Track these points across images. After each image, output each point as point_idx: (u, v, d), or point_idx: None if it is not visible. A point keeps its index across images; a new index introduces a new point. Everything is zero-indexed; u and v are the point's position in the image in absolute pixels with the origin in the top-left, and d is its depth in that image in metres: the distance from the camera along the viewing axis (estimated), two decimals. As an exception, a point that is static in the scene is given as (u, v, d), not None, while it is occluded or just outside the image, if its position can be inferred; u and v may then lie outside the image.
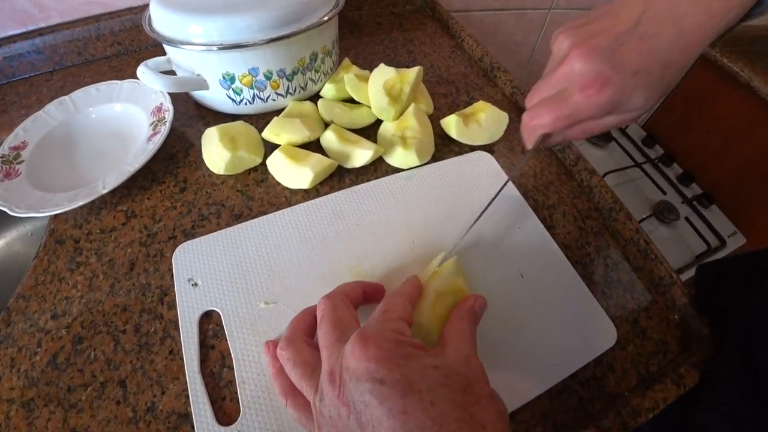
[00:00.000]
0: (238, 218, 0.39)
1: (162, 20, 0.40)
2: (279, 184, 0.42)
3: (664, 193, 0.94)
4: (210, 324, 0.33)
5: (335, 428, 0.23)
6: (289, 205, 0.40)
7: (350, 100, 0.48)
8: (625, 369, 0.35)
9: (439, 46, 0.62)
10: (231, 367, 0.31)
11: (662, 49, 0.27)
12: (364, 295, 0.31)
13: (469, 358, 0.24)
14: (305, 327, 0.30)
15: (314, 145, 0.43)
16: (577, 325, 0.35)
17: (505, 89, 0.55)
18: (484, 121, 0.45)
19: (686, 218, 0.90)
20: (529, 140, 0.33)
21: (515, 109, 0.52)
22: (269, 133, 0.42)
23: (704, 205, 0.94)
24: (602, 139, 1.00)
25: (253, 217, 0.39)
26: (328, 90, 0.47)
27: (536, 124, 0.31)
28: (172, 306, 0.34)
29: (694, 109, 1.04)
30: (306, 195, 0.41)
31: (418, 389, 0.21)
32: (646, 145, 1.05)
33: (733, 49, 0.95)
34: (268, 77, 0.43)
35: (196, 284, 0.34)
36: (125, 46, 0.58)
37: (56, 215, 0.40)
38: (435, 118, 0.47)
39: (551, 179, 0.47)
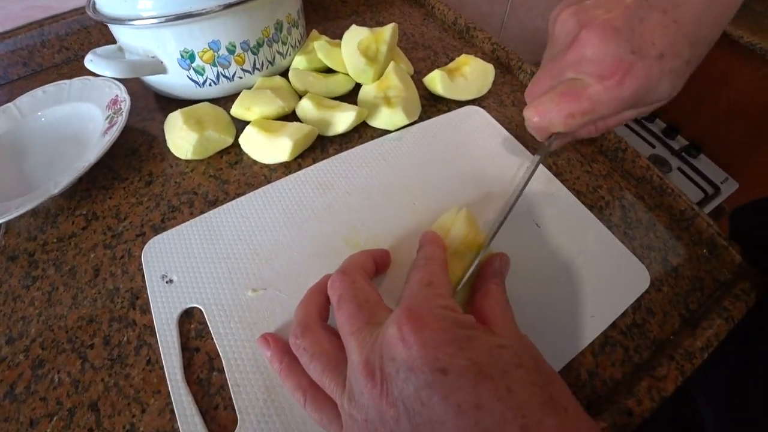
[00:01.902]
0: (214, 204, 0.35)
1: (106, -1, 0.36)
2: (256, 162, 0.37)
3: (653, 146, 0.93)
4: (191, 323, 0.29)
5: None
6: (269, 182, 0.35)
7: (323, 71, 0.44)
8: (666, 311, 0.32)
9: (409, 16, 0.59)
10: (221, 370, 0.26)
11: (689, 22, 0.22)
12: (375, 267, 0.27)
13: (519, 332, 0.21)
14: (318, 309, 0.25)
15: (289, 119, 0.39)
16: (606, 270, 0.32)
17: (485, 47, 0.52)
18: (469, 74, 0.42)
19: (678, 168, 0.88)
20: (540, 137, 0.29)
21: (499, 65, 0.49)
22: (238, 109, 0.38)
23: (693, 155, 0.93)
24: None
25: (230, 201, 0.34)
26: (299, 62, 0.43)
27: (545, 123, 0.26)
28: (146, 309, 0.29)
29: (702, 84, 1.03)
30: (286, 170, 0.37)
31: (490, 375, 0.17)
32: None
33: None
34: (231, 51, 0.39)
35: (171, 281, 0.30)
36: (74, 50, 0.54)
37: (7, 230, 0.35)
38: (416, 81, 0.44)
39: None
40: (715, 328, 0.30)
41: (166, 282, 0.30)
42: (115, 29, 0.39)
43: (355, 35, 0.40)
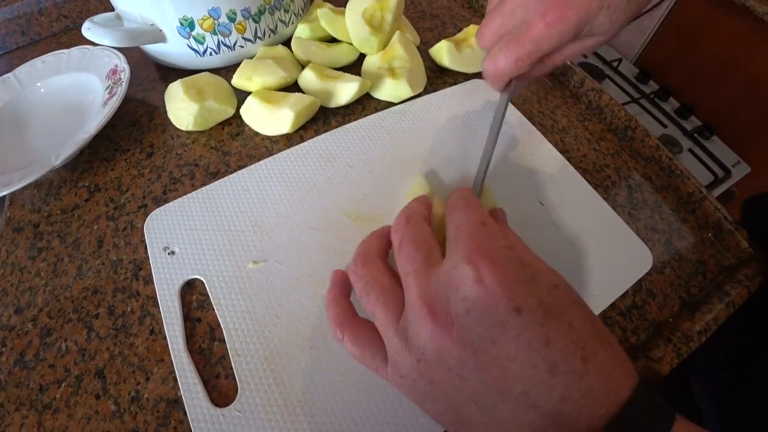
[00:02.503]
0: (215, 176, 0.35)
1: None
2: (257, 134, 0.37)
3: (665, 126, 0.90)
4: (193, 294, 0.29)
5: (431, 376, 0.19)
6: (271, 154, 0.35)
7: (327, 41, 0.43)
8: (666, 294, 0.32)
9: (417, -16, 0.57)
10: (222, 340, 0.27)
11: None
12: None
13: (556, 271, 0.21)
14: (378, 249, 0.24)
15: (292, 90, 0.38)
16: (609, 250, 0.32)
17: (496, 19, 0.50)
18: (476, 45, 0.40)
19: (689, 150, 0.86)
20: (497, 87, 0.30)
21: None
22: (239, 79, 0.37)
23: (705, 137, 0.91)
24: (595, 76, 0.95)
25: (232, 173, 0.34)
26: (302, 31, 0.42)
27: (498, 71, 0.28)
28: (149, 280, 0.30)
29: (687, 40, 0.99)
30: (288, 142, 0.36)
31: (555, 313, 0.17)
32: (640, 82, 1.01)
33: (725, -29, 0.90)
34: (231, 19, 0.38)
35: (173, 252, 0.30)
36: (72, 18, 0.53)
37: (11, 202, 0.36)
38: (422, 52, 0.42)
39: (557, 103, 0.42)
40: (714, 312, 0.30)
41: (168, 254, 0.30)
42: (112, -4, 0.38)
43: (360, 3, 0.38)
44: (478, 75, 0.42)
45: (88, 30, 0.37)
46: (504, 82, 0.29)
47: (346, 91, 0.35)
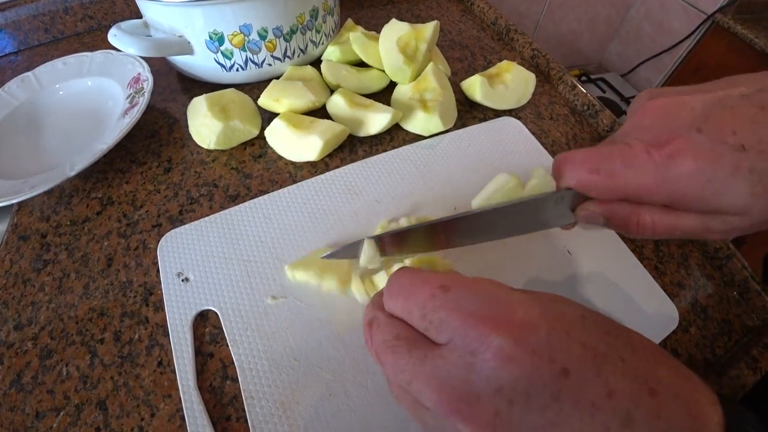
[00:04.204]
0: (235, 199, 0.33)
1: (134, -29, 0.34)
2: (281, 158, 0.36)
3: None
4: (206, 327, 0.27)
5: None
6: (295, 181, 0.34)
7: (357, 65, 0.42)
8: (691, 353, 0.31)
9: (447, 11, 0.56)
10: (235, 379, 0.25)
11: None
12: None
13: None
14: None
15: (319, 114, 0.37)
16: (635, 305, 0.31)
17: (525, 52, 0.50)
18: (510, 82, 0.40)
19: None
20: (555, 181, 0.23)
21: (538, 73, 0.47)
22: (267, 99, 0.36)
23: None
24: (612, 112, 0.95)
25: (253, 197, 0.33)
26: (332, 53, 0.41)
27: (564, 167, 0.21)
28: (160, 307, 0.28)
29: (704, 81, 0.99)
30: (313, 170, 0.35)
31: (602, 352, 0.15)
32: (656, 120, 1.01)
33: (747, 16, 0.90)
34: (262, 36, 0.37)
35: (186, 279, 0.28)
36: (97, 20, 0.52)
37: (20, 207, 0.34)
38: (452, 84, 0.42)
39: (585, 146, 0.42)
40: (741, 378, 0.29)
41: (182, 280, 0.29)
42: (142, 4, 0.37)
43: (395, 30, 0.37)
44: (508, 112, 0.41)
45: (114, 37, 0.36)
46: (558, 180, 0.22)
47: (377, 121, 0.34)
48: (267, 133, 0.35)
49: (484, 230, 0.23)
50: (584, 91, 0.44)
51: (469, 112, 0.41)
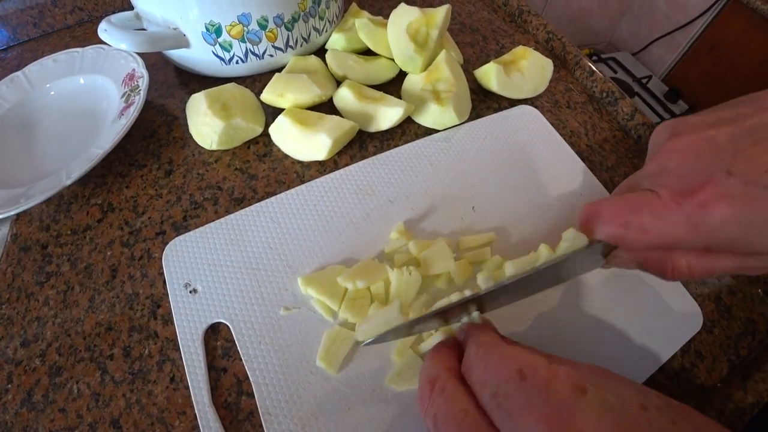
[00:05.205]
0: (240, 203, 0.32)
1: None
2: (287, 156, 0.34)
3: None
4: (218, 340, 0.26)
5: None
6: (303, 181, 0.32)
7: (363, 53, 0.39)
8: (715, 355, 0.30)
9: (455, -10, 0.53)
10: (250, 394, 0.24)
11: None
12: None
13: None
14: (449, 368, 0.19)
15: (325, 108, 0.35)
16: (659, 307, 0.29)
17: (539, 35, 0.47)
18: (526, 69, 0.37)
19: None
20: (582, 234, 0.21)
21: (554, 58, 0.44)
22: (270, 95, 0.34)
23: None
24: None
25: (259, 200, 0.31)
26: (336, 41, 0.39)
27: (594, 220, 0.21)
28: (168, 320, 0.27)
29: (720, 60, 0.95)
30: (321, 168, 0.33)
31: None
32: (669, 100, 0.98)
33: (767, -13, 0.85)
34: (262, 26, 0.34)
35: (195, 290, 0.27)
36: (88, 11, 0.49)
37: (18, 217, 0.33)
38: (465, 71, 0.39)
39: (605, 136, 0.39)
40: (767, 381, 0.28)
41: (190, 291, 0.27)
42: (133, -5, 0.34)
43: (404, 16, 0.35)
44: (524, 101, 0.39)
45: (104, 32, 0.33)
46: (589, 235, 0.21)
47: (388, 116, 0.32)
48: (272, 130, 0.33)
49: (522, 292, 0.23)
50: (603, 76, 0.41)
51: (483, 102, 0.39)
